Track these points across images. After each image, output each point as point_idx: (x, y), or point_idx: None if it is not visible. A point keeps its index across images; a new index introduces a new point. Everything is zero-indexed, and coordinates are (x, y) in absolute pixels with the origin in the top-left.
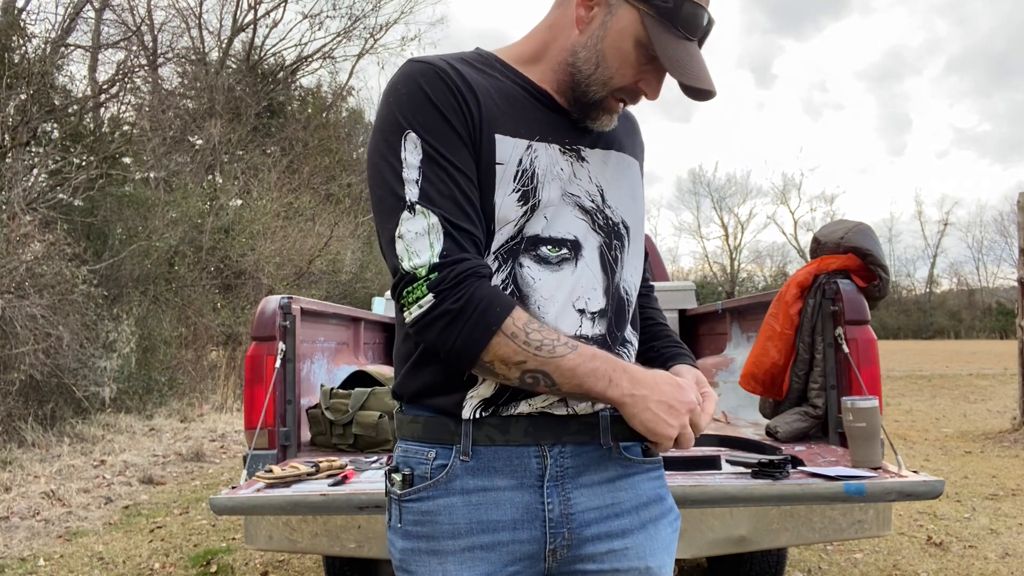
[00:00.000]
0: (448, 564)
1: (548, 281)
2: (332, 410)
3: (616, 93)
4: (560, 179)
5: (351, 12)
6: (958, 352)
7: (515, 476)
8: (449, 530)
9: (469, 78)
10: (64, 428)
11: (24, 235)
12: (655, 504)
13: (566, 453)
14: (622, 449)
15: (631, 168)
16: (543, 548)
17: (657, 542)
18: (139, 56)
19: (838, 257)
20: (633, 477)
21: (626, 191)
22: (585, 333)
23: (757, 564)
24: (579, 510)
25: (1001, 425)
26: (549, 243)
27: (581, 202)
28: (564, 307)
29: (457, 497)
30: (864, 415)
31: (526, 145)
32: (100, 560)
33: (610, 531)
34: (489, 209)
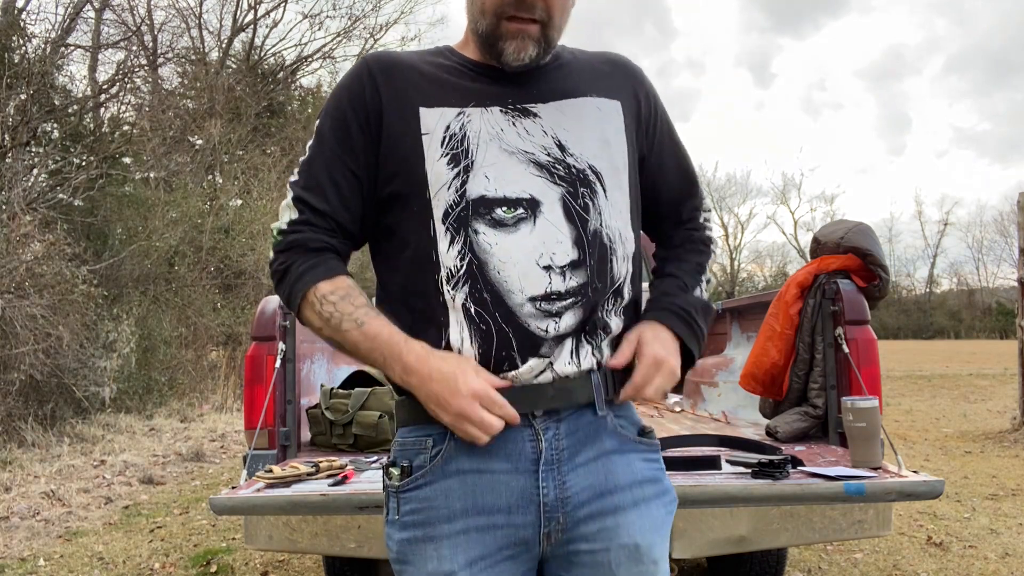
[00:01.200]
0: (443, 548)
1: (504, 244)
2: (332, 410)
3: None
4: (499, 138)
5: (351, 12)
6: (958, 352)
7: (510, 460)
8: (445, 514)
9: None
10: (64, 428)
11: (24, 235)
12: (649, 484)
13: (561, 434)
14: (617, 425)
15: (603, 111)
16: (538, 532)
17: (648, 521)
18: (139, 56)
19: (838, 257)
20: (629, 454)
21: (593, 135)
22: (557, 289)
23: (757, 564)
24: (574, 492)
25: (1001, 425)
26: (503, 204)
27: (535, 157)
28: (527, 267)
29: (453, 479)
30: (864, 415)
31: (456, 112)
32: (100, 560)
33: (603, 509)
34: (421, 177)
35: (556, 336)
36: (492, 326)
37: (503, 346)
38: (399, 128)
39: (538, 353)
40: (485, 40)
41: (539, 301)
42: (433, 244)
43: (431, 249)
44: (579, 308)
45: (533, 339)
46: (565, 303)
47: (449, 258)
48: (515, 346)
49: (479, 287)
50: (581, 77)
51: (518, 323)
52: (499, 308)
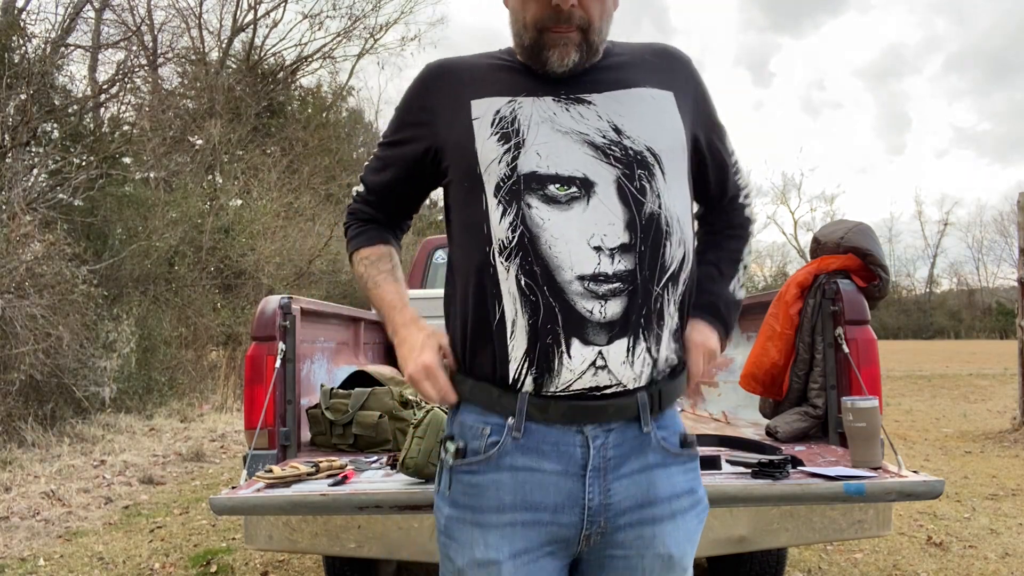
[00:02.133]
0: (490, 536)
1: (557, 220)
2: (332, 410)
3: (543, 27)
4: (551, 120)
5: (351, 12)
6: (958, 352)
7: (561, 463)
8: (495, 504)
9: (456, 68)
10: (64, 428)
11: (24, 235)
12: (686, 496)
13: (608, 444)
14: (661, 439)
15: (658, 100)
16: (579, 533)
17: (682, 532)
18: (139, 56)
19: (838, 257)
20: (670, 468)
21: (650, 120)
22: (604, 271)
23: (757, 564)
24: (617, 499)
25: (1001, 425)
26: (556, 181)
27: (590, 138)
28: (576, 245)
29: (506, 473)
30: (864, 415)
31: (507, 100)
32: (100, 560)
33: (642, 519)
34: (472, 155)
35: (603, 322)
36: (540, 300)
37: (549, 319)
38: (452, 119)
39: (585, 338)
40: (530, 51)
41: (587, 281)
42: (485, 217)
43: (483, 222)
44: (626, 295)
45: (579, 318)
46: (612, 286)
47: (501, 230)
48: (560, 322)
49: (530, 260)
50: (633, 69)
51: (565, 300)
52: (548, 283)
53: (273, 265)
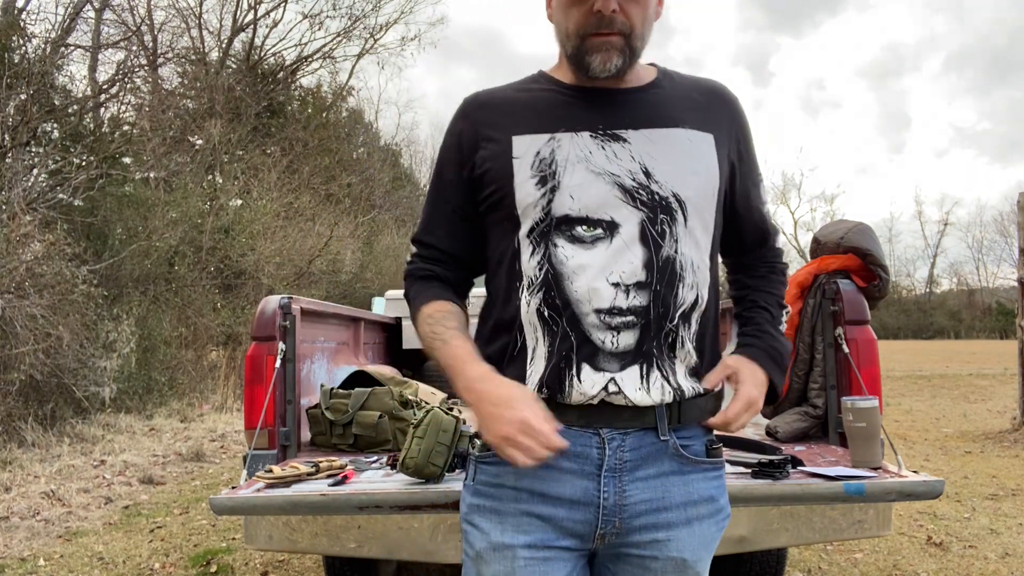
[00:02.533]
0: (507, 524)
1: (579, 258)
2: (332, 410)
3: (585, 33)
4: (587, 161)
5: (351, 12)
6: (958, 352)
7: (578, 462)
8: (513, 494)
9: (496, 101)
10: (64, 428)
11: (24, 235)
12: (705, 504)
13: (625, 447)
14: (680, 447)
15: (695, 142)
16: (593, 531)
17: (698, 539)
18: (139, 56)
19: (838, 257)
20: (688, 475)
21: (681, 165)
22: (620, 305)
23: (757, 564)
24: (632, 501)
25: (1001, 425)
26: (584, 223)
27: (620, 180)
28: (595, 280)
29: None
30: (864, 415)
31: (547, 138)
32: (100, 560)
33: (656, 523)
34: (511, 197)
35: (615, 352)
36: (559, 329)
37: (565, 347)
38: (493, 156)
39: (596, 364)
40: (574, 58)
41: (603, 314)
42: (517, 255)
43: (515, 259)
44: (638, 329)
45: (593, 348)
46: (625, 319)
47: (529, 268)
48: (575, 349)
49: (552, 294)
50: (675, 106)
51: (581, 330)
52: (568, 315)
53: (273, 265)
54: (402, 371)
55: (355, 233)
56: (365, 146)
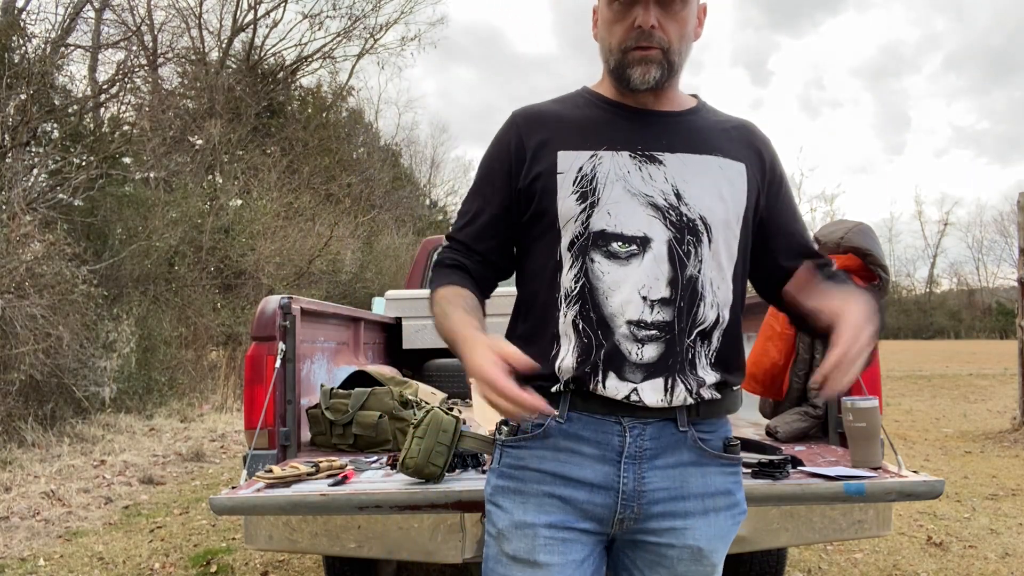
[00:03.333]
0: (529, 504)
1: (615, 274)
2: (332, 410)
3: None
4: (625, 180)
5: (351, 12)
6: (958, 352)
7: (599, 448)
8: (536, 476)
9: (545, 116)
10: (64, 428)
11: (24, 235)
12: (721, 496)
13: (645, 436)
14: (698, 439)
15: (726, 170)
16: (612, 515)
17: (714, 529)
18: (139, 56)
19: (838, 257)
20: (706, 467)
21: (711, 190)
22: (645, 319)
23: (757, 564)
24: (650, 488)
25: (1001, 425)
26: (620, 239)
27: (654, 200)
28: (630, 294)
29: (549, 451)
30: (864, 415)
31: (590, 155)
32: (100, 560)
33: (674, 511)
34: (553, 210)
35: (640, 363)
36: (592, 341)
37: (593, 355)
38: (539, 170)
39: (621, 374)
40: (615, 71)
41: (632, 326)
42: (559, 268)
43: (557, 272)
44: (662, 343)
45: (620, 357)
46: (649, 333)
47: (567, 280)
48: (603, 358)
49: (587, 307)
50: (711, 134)
51: (612, 340)
52: (601, 327)
53: (273, 265)
54: (402, 371)
55: (355, 233)
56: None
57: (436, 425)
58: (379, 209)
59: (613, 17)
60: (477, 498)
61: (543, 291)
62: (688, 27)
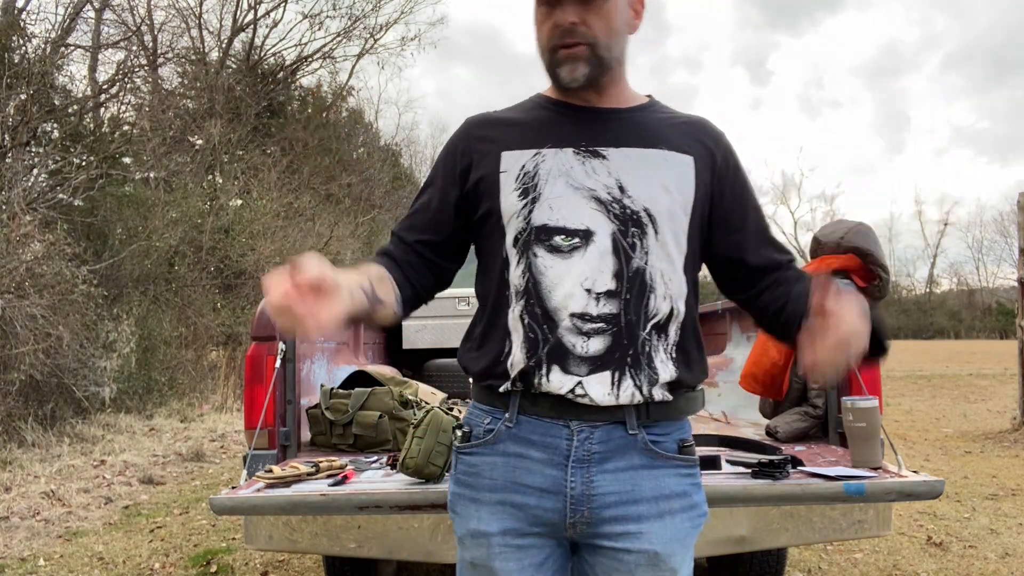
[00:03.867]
0: (483, 512)
1: (558, 268)
2: (332, 410)
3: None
4: (567, 175)
5: (351, 12)
6: (958, 352)
7: (547, 452)
8: (488, 484)
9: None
10: (64, 428)
11: (24, 235)
12: (676, 499)
13: (593, 439)
14: (650, 442)
15: (672, 162)
16: (563, 520)
17: (670, 532)
18: (139, 56)
19: (838, 257)
20: (659, 470)
21: (654, 182)
22: (590, 311)
23: (757, 564)
24: (600, 492)
25: (1001, 425)
26: (562, 233)
27: (597, 194)
28: (573, 288)
29: (499, 457)
30: (864, 415)
31: (533, 153)
32: (100, 560)
33: (627, 515)
34: (497, 208)
35: (585, 356)
36: (538, 335)
37: (538, 349)
38: (484, 172)
39: (565, 368)
40: (548, 71)
41: (575, 319)
42: (506, 265)
43: (504, 269)
44: (608, 335)
45: (563, 351)
46: (595, 326)
47: (514, 276)
48: (547, 351)
49: (532, 301)
50: (657, 129)
51: (556, 334)
52: (546, 321)
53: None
54: (402, 371)
55: (355, 233)
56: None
57: (436, 425)
58: (379, 209)
59: (541, 19)
60: None
61: (494, 289)
62: (616, 20)
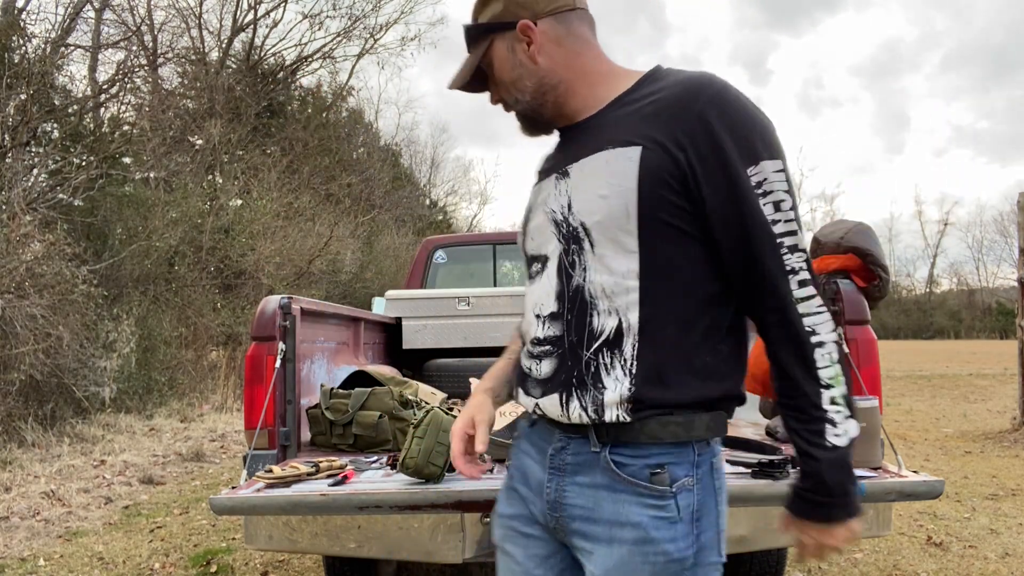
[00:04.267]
0: (503, 496)
1: (528, 295)
2: (332, 410)
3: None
4: (544, 203)
5: (351, 12)
6: (958, 352)
7: (540, 456)
8: (510, 471)
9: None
10: (64, 428)
11: (24, 235)
12: (630, 528)
13: (568, 450)
14: (613, 462)
15: (609, 163)
16: (546, 520)
17: (612, 561)
18: (139, 56)
19: (838, 257)
20: (619, 494)
21: (592, 191)
22: (539, 335)
23: (757, 564)
24: (569, 503)
25: (1001, 425)
26: (536, 260)
27: (555, 216)
28: (529, 314)
29: (520, 452)
30: (864, 415)
31: (535, 186)
32: (100, 560)
33: (585, 532)
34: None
35: (539, 379)
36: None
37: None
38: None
39: (526, 390)
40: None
41: (531, 344)
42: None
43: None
44: (554, 357)
45: (524, 376)
46: (543, 349)
47: None
48: (519, 374)
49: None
50: (610, 127)
51: (522, 360)
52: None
53: (273, 265)
54: (402, 371)
55: (355, 233)
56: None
57: (436, 425)
58: (379, 209)
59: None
60: (477, 498)
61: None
62: (508, 74)
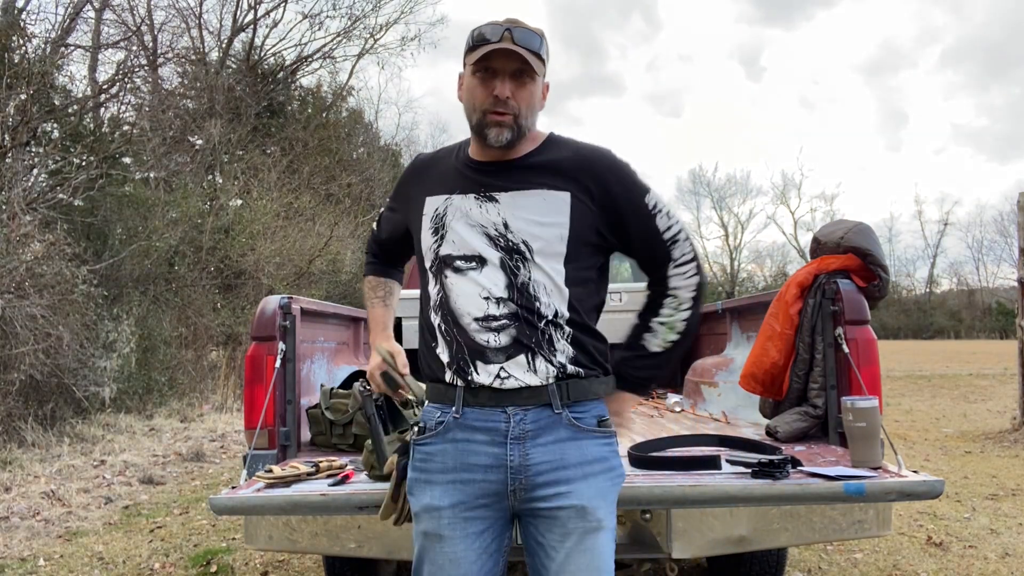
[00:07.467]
0: (436, 490)
1: (460, 283)
2: (332, 410)
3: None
4: (467, 215)
5: (351, 12)
6: (958, 352)
7: (489, 434)
8: (440, 467)
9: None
10: (64, 428)
11: (24, 235)
12: (598, 463)
13: (527, 420)
14: (573, 419)
15: (547, 201)
16: (506, 488)
17: (593, 489)
18: (139, 56)
19: (838, 257)
20: (582, 441)
21: (531, 218)
22: (492, 312)
23: (757, 564)
24: (534, 462)
25: (1001, 425)
26: (462, 259)
27: (487, 231)
28: (473, 298)
29: (449, 444)
30: (864, 415)
31: (444, 198)
32: (100, 560)
33: (557, 479)
34: (419, 242)
35: (499, 347)
36: (454, 339)
37: (460, 352)
38: (415, 210)
39: (485, 360)
40: (476, 129)
41: (480, 321)
42: (427, 283)
43: (427, 288)
44: (514, 328)
45: (478, 347)
46: (501, 323)
47: (432, 293)
48: (466, 352)
49: (446, 312)
50: (540, 172)
51: (467, 336)
52: (456, 326)
53: (273, 265)
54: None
55: (355, 233)
56: (365, 146)
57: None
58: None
59: (476, 84)
60: None
61: (425, 305)
62: (534, 99)
